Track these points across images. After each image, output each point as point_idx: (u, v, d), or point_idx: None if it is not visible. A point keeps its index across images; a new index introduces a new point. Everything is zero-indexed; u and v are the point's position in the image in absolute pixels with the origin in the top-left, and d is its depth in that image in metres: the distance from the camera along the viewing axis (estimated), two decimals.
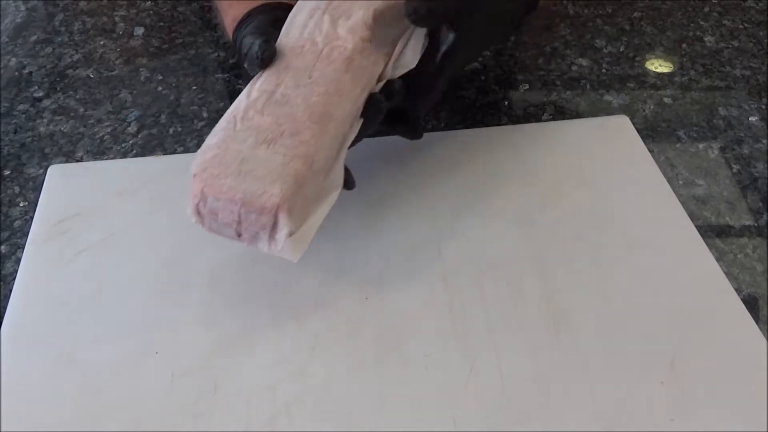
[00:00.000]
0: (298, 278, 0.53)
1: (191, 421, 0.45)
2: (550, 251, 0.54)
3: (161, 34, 0.83)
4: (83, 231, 0.51)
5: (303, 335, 0.50)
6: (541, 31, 0.82)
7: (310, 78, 0.49)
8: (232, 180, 0.46)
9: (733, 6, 0.87)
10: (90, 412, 0.46)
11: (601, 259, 0.54)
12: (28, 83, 0.77)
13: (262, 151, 0.46)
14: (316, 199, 0.48)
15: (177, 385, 0.47)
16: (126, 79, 0.77)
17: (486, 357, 0.48)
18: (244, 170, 0.46)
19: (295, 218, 0.46)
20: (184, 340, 0.50)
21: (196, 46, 0.81)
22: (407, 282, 0.53)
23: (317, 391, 0.47)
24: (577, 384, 0.46)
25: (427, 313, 0.51)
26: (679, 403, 0.45)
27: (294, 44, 0.51)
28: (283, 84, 0.49)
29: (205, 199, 0.46)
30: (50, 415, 0.46)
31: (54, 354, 0.49)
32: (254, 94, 0.49)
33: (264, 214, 0.45)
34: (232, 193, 0.45)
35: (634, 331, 0.49)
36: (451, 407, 0.45)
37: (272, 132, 0.47)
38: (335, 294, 0.52)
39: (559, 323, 0.50)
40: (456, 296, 0.52)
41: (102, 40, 0.83)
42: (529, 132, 0.66)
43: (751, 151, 0.67)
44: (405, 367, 0.48)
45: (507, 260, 0.54)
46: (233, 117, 0.49)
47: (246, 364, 0.48)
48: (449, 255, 0.54)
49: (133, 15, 0.87)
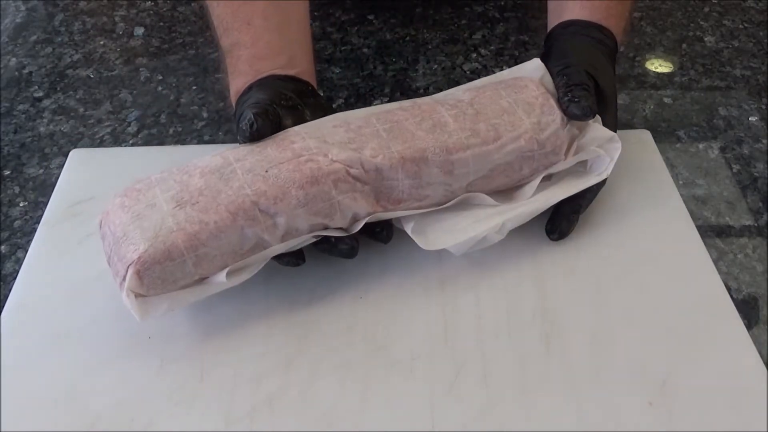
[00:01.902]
0: (294, 272, 0.53)
1: (172, 408, 0.46)
2: (551, 262, 0.54)
3: (161, 34, 0.84)
4: (95, 214, 0.52)
5: (293, 329, 0.50)
6: (541, 31, 0.82)
7: (266, 172, 0.47)
8: (128, 218, 0.46)
9: (733, 6, 0.87)
10: (79, 390, 0.47)
11: (604, 273, 0.53)
12: (28, 83, 0.77)
13: (169, 207, 0.46)
14: (181, 280, 0.46)
15: (164, 371, 0.48)
16: (126, 79, 0.77)
17: (473, 364, 0.48)
18: (142, 215, 0.46)
19: (146, 284, 0.45)
20: (177, 327, 0.50)
21: (196, 46, 0.81)
22: (403, 284, 0.52)
23: (301, 385, 0.47)
24: (561, 398, 0.46)
25: (420, 317, 0.50)
26: (664, 425, 0.44)
27: (295, 135, 0.50)
28: (242, 162, 0.48)
29: (106, 220, 0.47)
30: (43, 389, 0.47)
31: (52, 332, 0.50)
32: (215, 158, 0.49)
33: (121, 262, 0.45)
34: (118, 229, 0.46)
35: (627, 348, 0.48)
36: (431, 411, 0.45)
37: (190, 196, 0.46)
38: (330, 290, 0.52)
39: (551, 335, 0.49)
40: (450, 301, 0.51)
41: (102, 40, 0.83)
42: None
43: (751, 151, 0.67)
44: (391, 367, 0.48)
45: (507, 268, 0.54)
46: (186, 164, 0.49)
47: (234, 354, 0.49)
48: (449, 260, 0.54)
49: (133, 15, 0.87)
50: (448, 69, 0.78)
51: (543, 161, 0.53)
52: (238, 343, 0.49)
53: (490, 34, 0.83)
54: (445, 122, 0.51)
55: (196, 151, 0.65)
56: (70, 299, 0.52)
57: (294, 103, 0.53)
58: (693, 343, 0.49)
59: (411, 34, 0.83)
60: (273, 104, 0.52)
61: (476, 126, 0.51)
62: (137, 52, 0.81)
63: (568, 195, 0.53)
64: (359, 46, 0.82)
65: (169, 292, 0.47)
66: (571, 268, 0.54)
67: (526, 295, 0.52)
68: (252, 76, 0.55)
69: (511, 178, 0.53)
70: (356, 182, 0.48)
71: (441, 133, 0.50)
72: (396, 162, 0.49)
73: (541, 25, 0.83)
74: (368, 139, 0.50)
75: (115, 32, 0.84)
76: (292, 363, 0.48)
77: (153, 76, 0.77)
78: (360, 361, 0.48)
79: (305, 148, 0.48)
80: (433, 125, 0.51)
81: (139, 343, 0.49)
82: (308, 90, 0.56)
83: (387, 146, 0.49)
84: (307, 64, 0.58)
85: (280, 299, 0.52)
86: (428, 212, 0.52)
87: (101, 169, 0.63)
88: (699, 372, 0.47)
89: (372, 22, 0.85)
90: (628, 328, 0.49)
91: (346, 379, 0.47)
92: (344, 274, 0.53)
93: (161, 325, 0.50)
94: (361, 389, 0.46)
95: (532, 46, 0.80)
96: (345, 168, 0.48)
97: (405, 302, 0.52)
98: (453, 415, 0.45)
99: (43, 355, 0.49)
